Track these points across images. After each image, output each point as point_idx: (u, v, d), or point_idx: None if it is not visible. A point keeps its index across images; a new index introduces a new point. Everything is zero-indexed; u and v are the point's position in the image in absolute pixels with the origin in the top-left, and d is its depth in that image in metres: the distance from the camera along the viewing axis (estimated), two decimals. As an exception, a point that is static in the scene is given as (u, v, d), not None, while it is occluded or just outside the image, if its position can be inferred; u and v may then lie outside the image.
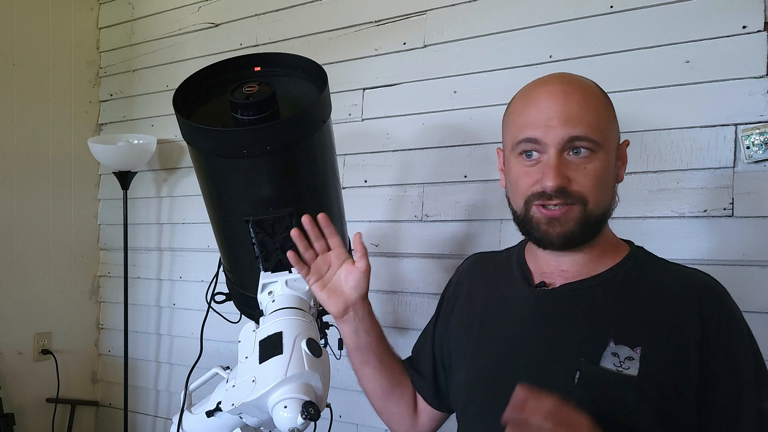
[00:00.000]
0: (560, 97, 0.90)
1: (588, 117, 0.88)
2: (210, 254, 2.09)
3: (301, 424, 0.87)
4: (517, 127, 0.93)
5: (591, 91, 0.93)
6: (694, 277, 0.93)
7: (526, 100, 0.94)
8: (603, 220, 0.92)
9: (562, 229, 0.89)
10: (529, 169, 0.91)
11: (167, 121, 2.28)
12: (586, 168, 0.88)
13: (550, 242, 0.91)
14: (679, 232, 1.40)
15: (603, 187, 0.90)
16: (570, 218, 0.89)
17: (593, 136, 0.88)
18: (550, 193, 0.88)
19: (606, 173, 0.90)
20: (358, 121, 1.86)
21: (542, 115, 0.89)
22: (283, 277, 1.10)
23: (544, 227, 0.90)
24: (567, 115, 0.88)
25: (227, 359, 1.17)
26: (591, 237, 0.92)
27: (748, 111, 1.34)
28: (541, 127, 0.89)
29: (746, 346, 0.87)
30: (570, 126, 0.87)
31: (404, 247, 1.77)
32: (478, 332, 1.02)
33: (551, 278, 0.96)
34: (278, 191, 1.10)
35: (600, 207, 0.90)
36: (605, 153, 0.90)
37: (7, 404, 2.16)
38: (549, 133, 0.88)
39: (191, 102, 1.14)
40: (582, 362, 0.86)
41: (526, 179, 0.91)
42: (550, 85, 0.93)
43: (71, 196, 2.43)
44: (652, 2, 1.45)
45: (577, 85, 0.92)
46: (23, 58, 2.27)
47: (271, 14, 2.06)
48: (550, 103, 0.90)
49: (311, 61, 1.14)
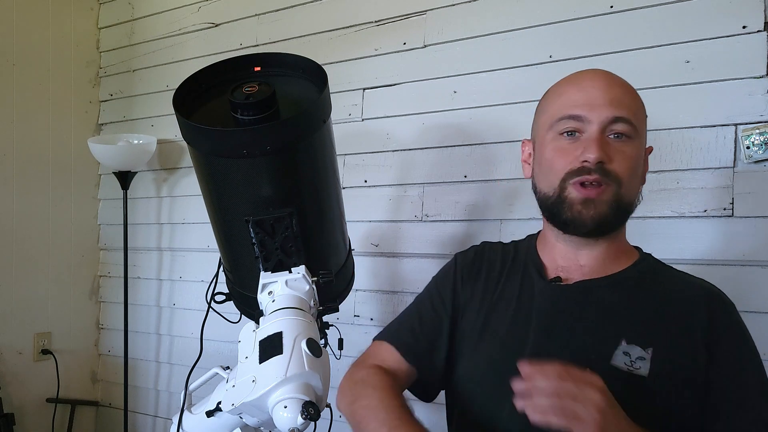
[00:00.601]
0: (605, 80, 0.93)
1: (629, 103, 0.91)
2: (210, 254, 2.09)
3: (301, 424, 0.87)
4: (558, 107, 0.94)
5: (630, 85, 0.96)
6: (704, 286, 0.94)
7: (568, 83, 0.96)
8: (630, 209, 0.93)
9: (596, 212, 0.89)
10: (568, 146, 0.91)
11: (167, 121, 2.28)
12: (624, 151, 0.90)
13: (583, 224, 0.90)
14: (679, 232, 1.40)
15: (635, 174, 0.92)
16: (604, 200, 0.89)
17: (633, 120, 0.90)
18: (591, 166, 0.88)
19: (638, 162, 0.92)
20: (358, 121, 1.86)
21: (586, 95, 0.91)
22: (283, 277, 1.10)
23: (578, 207, 0.90)
24: (612, 96, 0.90)
25: (227, 359, 1.17)
26: (618, 224, 0.93)
27: (748, 111, 1.34)
28: (585, 105, 0.90)
29: (751, 357, 0.89)
30: (615, 107, 0.89)
31: (404, 247, 1.77)
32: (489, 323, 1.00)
33: (568, 273, 0.96)
34: (278, 191, 1.10)
35: (630, 193, 0.91)
36: (640, 143, 0.92)
37: (7, 404, 2.16)
38: (594, 111, 0.90)
39: (191, 102, 1.13)
40: (593, 359, 0.86)
41: (564, 157, 0.91)
42: (592, 72, 0.96)
43: (71, 196, 2.43)
44: (652, 2, 1.45)
45: (619, 77, 0.96)
46: (23, 58, 2.27)
47: (271, 14, 2.06)
48: (594, 85, 0.92)
49: (311, 61, 1.14)
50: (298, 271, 1.10)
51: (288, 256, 1.11)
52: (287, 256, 1.10)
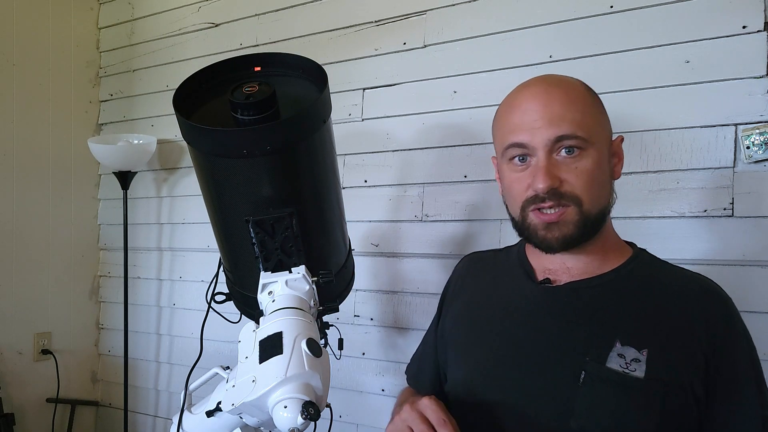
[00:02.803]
0: (542, 97, 0.90)
1: (572, 115, 0.88)
2: (210, 254, 2.09)
3: (301, 424, 0.87)
4: (503, 133, 0.93)
5: (573, 88, 0.92)
6: (700, 283, 0.92)
7: (510, 105, 0.94)
8: (602, 218, 0.92)
9: (561, 233, 0.89)
10: (520, 174, 0.91)
11: (167, 121, 2.28)
12: (576, 167, 0.88)
13: (549, 247, 0.91)
14: (679, 232, 1.40)
15: (597, 185, 0.89)
16: (567, 221, 0.88)
17: (580, 133, 0.87)
18: (543, 195, 0.87)
19: (599, 171, 0.90)
20: (358, 121, 1.86)
21: (526, 118, 0.89)
22: (283, 277, 1.10)
23: (542, 233, 0.90)
24: (551, 115, 0.88)
25: (227, 359, 1.17)
26: (590, 237, 0.91)
27: (748, 111, 1.34)
28: (526, 130, 0.89)
29: (749, 354, 0.88)
30: (555, 126, 0.87)
31: (404, 247, 1.77)
32: (477, 328, 1.01)
33: (556, 275, 0.96)
34: (278, 191, 1.10)
35: (596, 206, 0.90)
36: (596, 150, 0.89)
37: (7, 404, 2.16)
38: (535, 135, 0.88)
39: (191, 102, 1.13)
40: (587, 362, 0.86)
41: (518, 185, 0.91)
42: (531, 87, 0.93)
43: (71, 196, 2.43)
44: (652, 2, 1.45)
45: (558, 85, 0.92)
46: (23, 58, 2.27)
47: (271, 14, 2.06)
48: (532, 105, 0.90)
49: (311, 61, 1.14)
50: (298, 271, 1.10)
51: (288, 256, 1.11)
52: (287, 256, 1.11)
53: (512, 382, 0.91)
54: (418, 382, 1.14)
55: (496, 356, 0.95)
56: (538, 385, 0.89)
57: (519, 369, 0.91)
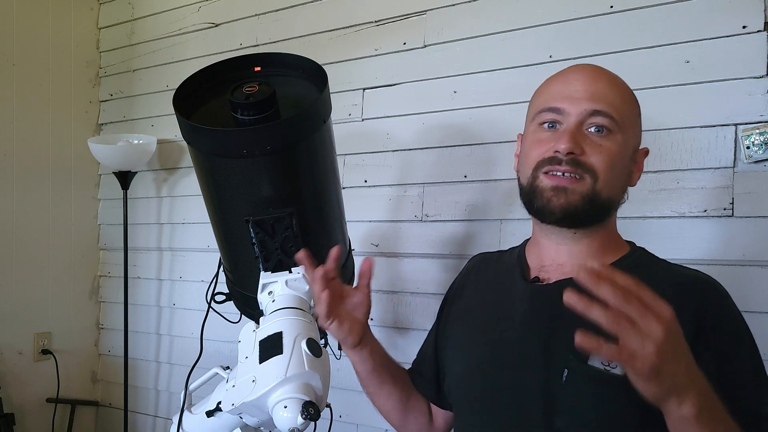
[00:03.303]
0: (589, 75, 0.92)
1: (613, 97, 0.90)
2: (210, 254, 2.09)
3: (301, 424, 0.87)
4: (542, 100, 0.95)
5: (619, 80, 0.95)
6: (694, 277, 0.91)
7: (556, 76, 0.96)
8: (609, 206, 0.91)
9: (567, 201, 0.88)
10: (545, 137, 0.92)
11: (167, 121, 2.28)
12: (602, 145, 0.88)
13: (551, 212, 0.90)
14: (679, 232, 1.40)
15: (615, 170, 0.90)
16: (577, 191, 0.88)
17: (615, 115, 0.89)
18: (561, 157, 0.87)
19: (621, 158, 0.90)
20: (358, 121, 1.86)
21: (569, 88, 0.91)
22: (283, 277, 1.10)
23: (548, 194, 0.89)
24: (593, 90, 0.90)
25: (227, 359, 1.17)
26: (593, 220, 0.91)
27: (748, 111, 1.34)
28: (566, 98, 0.90)
29: (745, 348, 0.86)
30: (594, 100, 0.89)
31: (404, 247, 1.77)
32: (474, 326, 1.02)
33: (547, 273, 0.96)
34: (278, 191, 1.10)
35: (609, 189, 0.89)
36: (624, 139, 0.90)
37: (7, 404, 2.16)
38: (573, 103, 0.89)
39: (191, 102, 1.13)
40: (571, 359, 0.85)
41: (538, 147, 0.91)
42: (582, 66, 0.96)
43: (71, 196, 2.43)
44: (652, 2, 1.45)
45: (609, 73, 0.95)
46: (23, 58, 2.27)
47: (271, 14, 2.06)
48: (578, 78, 0.92)
49: (311, 61, 1.14)
50: (299, 271, 1.10)
51: (288, 256, 1.11)
52: (287, 256, 1.11)
53: (502, 381, 0.92)
54: (420, 377, 1.15)
55: (489, 355, 0.96)
56: (525, 384, 0.89)
57: (509, 368, 0.92)
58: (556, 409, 0.85)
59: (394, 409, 1.14)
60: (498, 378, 0.93)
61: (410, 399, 1.14)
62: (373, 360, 1.08)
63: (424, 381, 1.14)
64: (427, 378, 1.14)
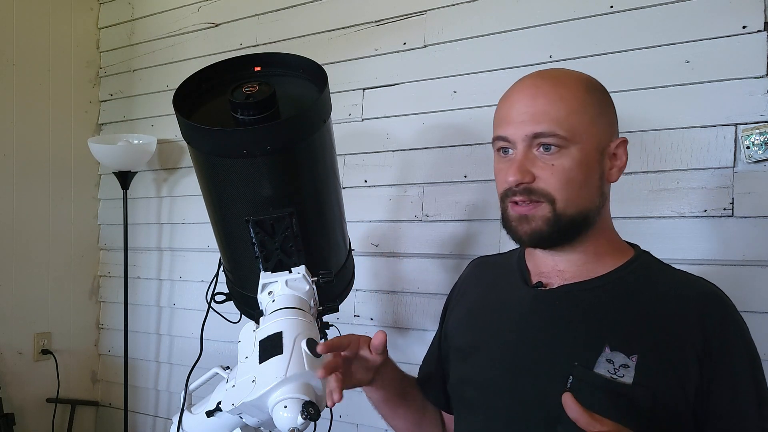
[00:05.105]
0: (529, 93, 0.90)
1: (555, 113, 0.86)
2: (210, 254, 2.09)
3: (301, 424, 0.87)
4: (494, 125, 0.94)
5: (566, 85, 0.90)
6: (699, 287, 0.89)
7: (503, 98, 0.95)
8: (581, 220, 0.89)
9: (530, 228, 0.88)
10: (502, 166, 0.92)
11: (167, 121, 2.28)
12: (553, 165, 0.86)
13: (520, 240, 0.91)
14: (679, 232, 1.40)
15: (575, 184, 0.87)
16: (538, 216, 0.88)
17: (559, 131, 0.85)
18: (514, 189, 0.88)
19: (578, 171, 0.87)
20: (358, 121, 1.86)
21: (512, 112, 0.90)
22: (283, 277, 1.10)
23: (514, 224, 0.91)
24: (533, 111, 0.87)
25: (227, 359, 1.17)
26: (567, 238, 0.90)
27: (748, 111, 1.34)
28: (510, 123, 0.89)
29: (748, 364, 0.84)
30: (535, 122, 0.87)
31: (404, 247, 1.77)
32: (475, 330, 1.02)
33: (549, 278, 0.94)
34: (278, 191, 1.10)
35: (572, 206, 0.87)
36: (579, 149, 0.87)
37: (7, 404, 2.16)
38: (517, 129, 0.88)
39: (191, 102, 1.14)
40: (576, 366, 0.84)
41: (499, 176, 0.93)
42: (523, 81, 0.93)
43: (71, 196, 2.43)
44: (652, 2, 1.45)
45: (551, 80, 0.91)
46: (23, 58, 2.27)
47: (271, 14, 2.06)
48: (519, 99, 0.90)
49: (311, 61, 1.14)
50: (298, 271, 1.10)
51: (288, 256, 1.11)
52: (287, 256, 1.11)
53: (504, 386, 0.91)
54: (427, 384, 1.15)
55: (491, 360, 0.95)
56: (527, 390, 0.88)
57: (511, 373, 0.91)
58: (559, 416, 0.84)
59: (407, 428, 1.14)
60: (500, 383, 0.92)
61: (425, 416, 1.14)
62: (386, 391, 1.06)
63: (432, 389, 1.13)
64: (433, 385, 1.13)
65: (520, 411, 0.89)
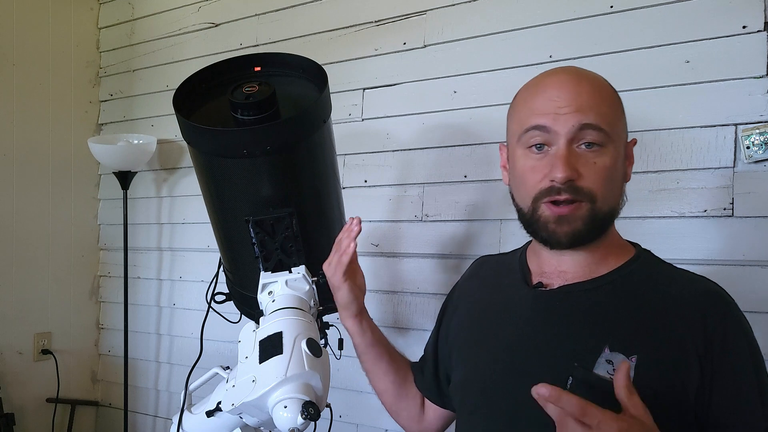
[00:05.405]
0: (571, 85, 0.87)
1: (599, 107, 0.86)
2: (210, 254, 2.09)
3: (301, 424, 0.87)
4: (523, 116, 0.90)
5: (601, 83, 0.91)
6: (701, 286, 0.89)
7: (535, 89, 0.91)
8: (610, 219, 0.90)
9: (571, 228, 0.86)
10: (536, 163, 0.88)
11: (167, 121, 2.28)
12: (596, 163, 0.85)
13: (558, 242, 0.88)
14: (679, 232, 1.40)
15: (611, 184, 0.87)
16: (578, 216, 0.86)
17: (605, 126, 0.85)
18: (560, 186, 0.84)
19: (614, 170, 0.88)
20: (358, 121, 1.86)
21: (552, 103, 0.86)
22: (283, 277, 1.10)
23: (552, 226, 0.87)
24: (578, 103, 0.85)
25: (227, 359, 1.17)
26: (597, 236, 0.89)
27: (748, 111, 1.34)
28: (550, 114, 0.86)
29: (750, 361, 0.84)
30: (582, 113, 0.84)
31: (404, 247, 1.77)
32: (477, 331, 1.02)
33: (549, 279, 0.94)
34: (278, 191, 1.10)
35: (607, 205, 0.87)
36: (615, 148, 0.87)
37: (7, 404, 2.16)
38: (559, 120, 0.85)
39: (191, 102, 1.14)
40: (575, 367, 0.84)
41: (533, 175, 0.88)
42: (559, 74, 0.91)
43: (71, 196, 2.43)
44: (652, 2, 1.45)
45: (587, 77, 0.90)
46: (23, 58, 2.27)
47: (271, 14, 2.06)
48: (560, 92, 0.86)
49: (311, 61, 1.14)
50: (298, 271, 1.10)
51: (288, 256, 1.11)
52: (287, 256, 1.11)
53: (505, 387, 0.91)
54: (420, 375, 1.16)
55: (492, 361, 0.95)
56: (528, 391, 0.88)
57: (511, 374, 0.90)
58: None
59: (387, 390, 1.16)
60: (499, 384, 0.92)
61: (406, 384, 1.16)
62: (372, 334, 1.13)
63: (424, 380, 1.15)
64: (426, 378, 1.14)
65: (520, 412, 0.89)
